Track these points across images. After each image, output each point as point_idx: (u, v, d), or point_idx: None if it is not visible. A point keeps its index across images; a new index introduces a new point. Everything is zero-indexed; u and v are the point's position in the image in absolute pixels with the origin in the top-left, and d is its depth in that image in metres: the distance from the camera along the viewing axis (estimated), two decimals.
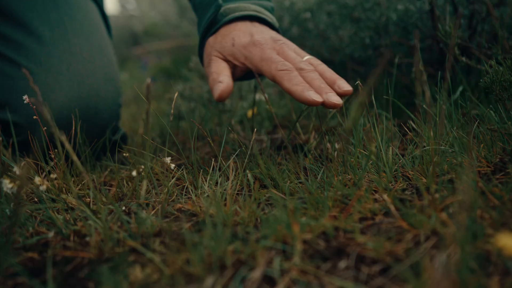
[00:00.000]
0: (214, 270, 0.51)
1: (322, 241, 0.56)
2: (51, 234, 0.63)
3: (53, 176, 0.76)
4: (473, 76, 1.13)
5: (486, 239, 0.51)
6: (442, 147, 0.74)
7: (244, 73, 0.89)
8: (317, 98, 0.73)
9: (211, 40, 0.89)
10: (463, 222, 0.46)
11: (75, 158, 0.63)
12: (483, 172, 0.69)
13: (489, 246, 0.49)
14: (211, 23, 0.89)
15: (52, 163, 0.79)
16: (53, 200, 0.75)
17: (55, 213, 0.68)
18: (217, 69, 0.84)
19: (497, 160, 0.71)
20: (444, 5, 1.16)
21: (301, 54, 0.84)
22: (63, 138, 0.62)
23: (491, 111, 0.84)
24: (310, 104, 0.73)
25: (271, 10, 0.94)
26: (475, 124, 0.80)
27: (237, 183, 0.77)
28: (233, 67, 0.87)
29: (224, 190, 0.74)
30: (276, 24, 0.91)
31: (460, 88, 1.02)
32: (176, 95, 0.84)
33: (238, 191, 0.76)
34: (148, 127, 0.65)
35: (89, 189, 0.79)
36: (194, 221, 0.66)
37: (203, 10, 0.92)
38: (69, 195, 0.76)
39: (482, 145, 0.74)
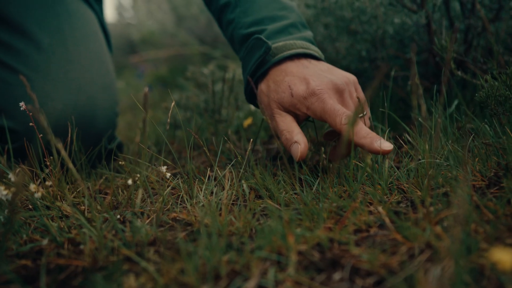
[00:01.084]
0: (209, 280, 0.51)
1: (316, 253, 0.56)
2: (45, 241, 0.63)
3: (48, 183, 0.76)
4: (468, 90, 1.14)
5: (480, 253, 0.51)
6: (437, 161, 0.74)
7: (308, 116, 0.87)
8: (388, 147, 0.72)
9: (263, 87, 0.87)
10: (457, 236, 0.46)
11: (70, 165, 0.63)
12: (477, 186, 0.70)
13: (483, 260, 0.50)
14: (260, 64, 0.87)
15: (47, 170, 0.79)
16: (48, 208, 0.75)
17: (50, 220, 0.68)
18: (286, 126, 0.82)
19: (492, 174, 0.71)
20: (441, 19, 1.17)
21: (358, 95, 0.85)
22: (60, 145, 0.62)
23: (486, 126, 0.85)
24: (381, 153, 0.73)
25: (313, 41, 0.92)
26: (470, 138, 0.80)
27: (232, 193, 0.77)
28: (295, 116, 0.84)
29: (220, 200, 0.74)
30: (322, 57, 0.89)
31: (456, 102, 1.02)
32: (172, 104, 0.84)
33: (233, 201, 0.76)
34: (144, 135, 0.65)
35: (84, 197, 0.79)
36: (189, 230, 0.66)
37: (249, 50, 0.90)
38: (64, 202, 0.76)
39: (477, 159, 0.75)
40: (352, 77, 0.84)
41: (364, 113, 0.83)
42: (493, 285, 0.46)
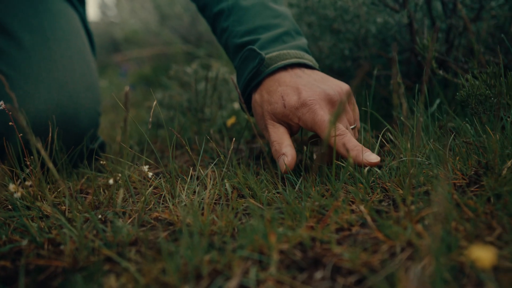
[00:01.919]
0: (190, 280, 0.51)
1: (298, 252, 0.56)
2: (24, 242, 0.62)
3: (28, 183, 0.75)
4: (450, 90, 1.15)
5: (460, 251, 0.51)
6: (419, 159, 0.75)
7: (301, 127, 0.87)
8: (374, 159, 0.73)
9: (257, 97, 0.87)
10: (438, 234, 0.47)
11: (50, 165, 0.62)
12: (458, 184, 0.70)
13: (463, 258, 0.50)
14: (254, 75, 0.87)
15: (27, 170, 0.78)
16: (28, 208, 0.74)
17: (30, 221, 0.67)
18: (277, 137, 0.82)
19: (472, 172, 0.72)
20: (422, 19, 1.18)
21: (352, 106, 0.86)
22: (39, 145, 0.61)
23: (467, 124, 0.85)
24: (366, 166, 0.74)
25: (307, 49, 0.92)
26: (451, 137, 0.81)
27: (215, 192, 0.77)
28: (289, 126, 0.84)
29: (202, 199, 0.74)
30: (316, 65, 0.89)
31: (437, 101, 1.03)
32: (154, 103, 0.83)
33: (216, 200, 0.76)
34: (125, 134, 0.64)
35: (64, 196, 0.78)
36: (171, 230, 0.66)
37: (243, 60, 0.90)
38: (44, 202, 0.75)
39: (457, 158, 0.75)
40: (345, 87, 0.84)
41: (354, 125, 0.83)
42: (472, 283, 0.47)
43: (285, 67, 0.86)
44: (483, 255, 0.44)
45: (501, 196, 0.62)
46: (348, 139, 0.75)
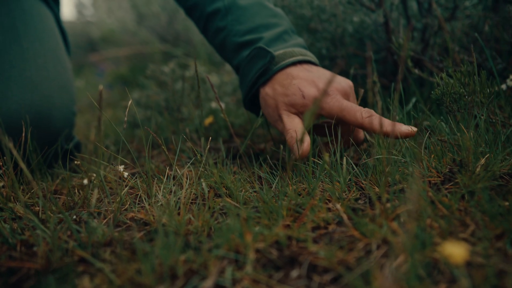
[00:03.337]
0: (165, 280, 0.51)
1: (275, 250, 0.56)
2: None
3: (0, 184, 0.73)
4: (426, 88, 1.16)
5: (434, 247, 0.52)
6: (394, 157, 0.75)
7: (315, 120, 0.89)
8: (409, 129, 0.76)
9: (269, 91, 0.88)
10: (412, 231, 0.47)
11: (23, 165, 0.61)
12: (433, 182, 0.71)
13: (437, 254, 0.50)
14: (263, 72, 0.89)
15: (0, 171, 0.77)
16: (0, 209, 0.73)
17: (2, 222, 0.66)
18: (293, 125, 0.84)
19: (447, 170, 0.72)
20: (398, 18, 1.19)
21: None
22: (11, 145, 0.60)
23: (442, 123, 0.86)
24: (407, 136, 0.76)
25: (306, 47, 0.95)
26: (427, 135, 0.81)
27: (191, 192, 0.76)
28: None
29: (178, 199, 0.74)
30: (317, 62, 0.92)
31: (413, 100, 1.04)
32: (130, 102, 0.83)
33: (192, 200, 0.76)
34: (100, 134, 0.64)
35: (38, 197, 0.77)
36: (146, 230, 0.65)
37: (251, 58, 0.91)
38: (17, 203, 0.74)
39: (432, 156, 0.76)
40: (350, 83, 0.87)
41: None
42: (446, 279, 0.47)
43: (294, 63, 0.88)
44: (456, 251, 0.44)
45: (475, 193, 0.63)
46: (380, 117, 0.76)
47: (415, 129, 0.76)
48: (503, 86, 0.89)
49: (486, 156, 0.69)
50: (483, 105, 0.81)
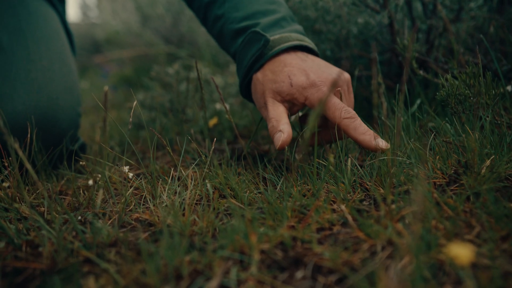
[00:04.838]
0: (170, 281, 0.51)
1: (279, 251, 0.56)
2: (2, 244, 0.62)
3: (5, 184, 0.74)
4: (430, 89, 1.16)
5: (439, 249, 0.52)
6: (399, 159, 0.75)
7: (301, 109, 0.88)
8: (385, 145, 0.75)
9: (259, 76, 0.87)
10: (417, 233, 0.47)
11: (28, 166, 0.61)
12: (438, 183, 0.71)
13: (442, 256, 0.50)
14: (258, 57, 0.87)
15: (5, 172, 0.77)
16: (6, 210, 0.73)
17: (7, 222, 0.66)
18: (276, 114, 0.82)
19: (452, 171, 0.72)
20: (403, 19, 1.19)
21: (350, 94, 0.87)
22: (16, 146, 0.60)
23: (447, 124, 0.86)
24: (379, 151, 0.75)
25: (304, 33, 0.93)
26: (432, 137, 0.81)
27: (196, 193, 0.76)
28: (290, 106, 0.85)
29: (183, 199, 0.74)
30: (316, 49, 0.90)
31: (418, 101, 1.04)
32: (134, 103, 0.83)
33: (197, 201, 0.76)
34: (105, 134, 0.64)
35: (43, 198, 0.77)
36: (151, 231, 0.65)
37: (245, 43, 0.90)
38: (22, 204, 0.74)
39: (437, 157, 0.76)
40: (347, 75, 0.86)
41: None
42: (451, 280, 0.47)
43: (288, 50, 0.87)
44: (461, 252, 0.44)
45: (480, 195, 0.63)
46: (359, 122, 0.76)
47: (388, 145, 0.75)
48: (508, 88, 0.88)
49: (492, 157, 0.69)
50: (488, 106, 0.81)
